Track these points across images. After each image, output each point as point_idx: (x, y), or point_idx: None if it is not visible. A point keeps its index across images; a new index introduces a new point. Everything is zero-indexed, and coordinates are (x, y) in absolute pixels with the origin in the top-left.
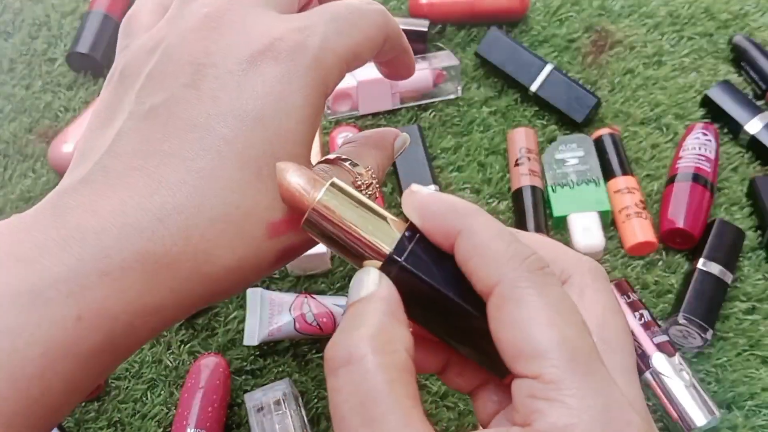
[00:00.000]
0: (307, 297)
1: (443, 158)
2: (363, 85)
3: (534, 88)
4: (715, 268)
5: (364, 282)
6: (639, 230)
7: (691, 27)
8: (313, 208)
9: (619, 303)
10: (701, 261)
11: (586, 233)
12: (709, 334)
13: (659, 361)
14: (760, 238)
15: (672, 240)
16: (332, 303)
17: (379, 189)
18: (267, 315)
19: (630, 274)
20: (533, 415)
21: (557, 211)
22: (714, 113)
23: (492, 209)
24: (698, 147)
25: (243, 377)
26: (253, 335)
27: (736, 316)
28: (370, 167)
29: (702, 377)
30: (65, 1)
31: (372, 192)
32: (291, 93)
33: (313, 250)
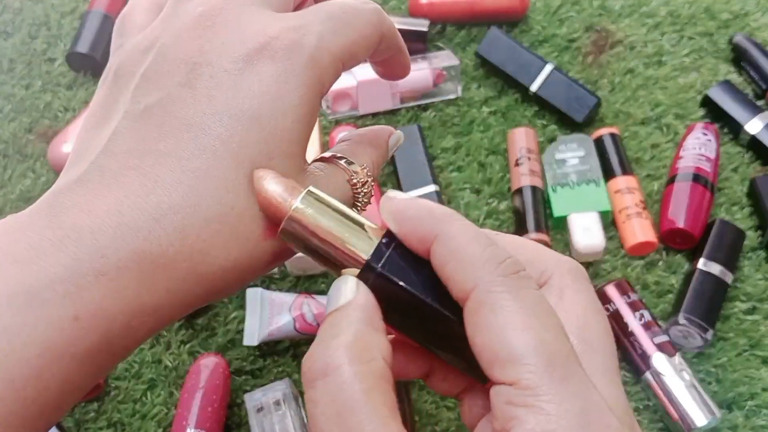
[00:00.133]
0: (307, 297)
1: (443, 158)
2: (363, 85)
3: (534, 88)
4: (716, 268)
5: (342, 290)
6: (639, 230)
7: (691, 27)
8: (290, 216)
9: (600, 303)
10: (701, 261)
11: (586, 233)
12: (709, 335)
13: (659, 361)
14: (761, 238)
15: (672, 240)
16: None
17: (374, 187)
18: (267, 315)
19: (630, 274)
20: (511, 422)
21: (557, 211)
22: (714, 113)
23: (492, 209)
24: (698, 147)
25: (243, 377)
26: (253, 335)
27: (737, 316)
28: (366, 165)
29: (702, 377)
30: (65, 1)
31: (368, 190)
32: (287, 92)
33: None
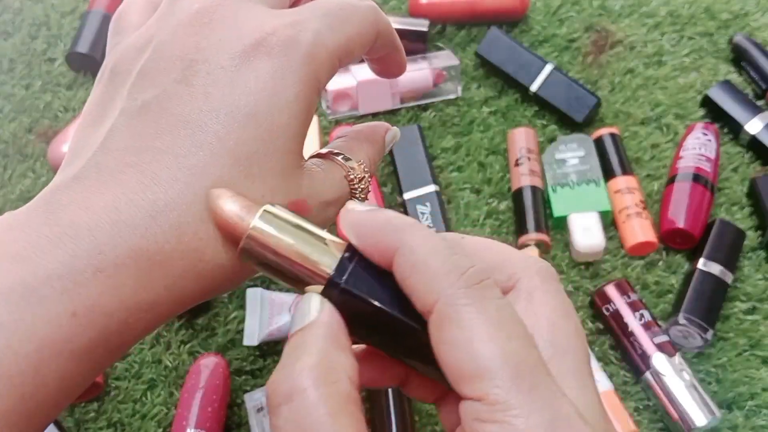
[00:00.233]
0: None
1: (443, 158)
2: (363, 85)
3: (534, 88)
4: (716, 268)
5: (305, 309)
6: (639, 230)
7: (691, 27)
8: (248, 235)
9: (571, 304)
10: (701, 261)
11: (586, 233)
12: (709, 335)
13: (659, 361)
14: (761, 238)
15: (672, 240)
16: None
17: (371, 183)
18: (267, 315)
19: (630, 274)
20: None
21: (557, 211)
22: (714, 113)
23: (492, 209)
24: (699, 147)
25: (243, 377)
26: (252, 335)
27: (737, 316)
28: (363, 161)
29: (702, 377)
30: (65, 1)
31: (365, 186)
32: (284, 88)
33: None
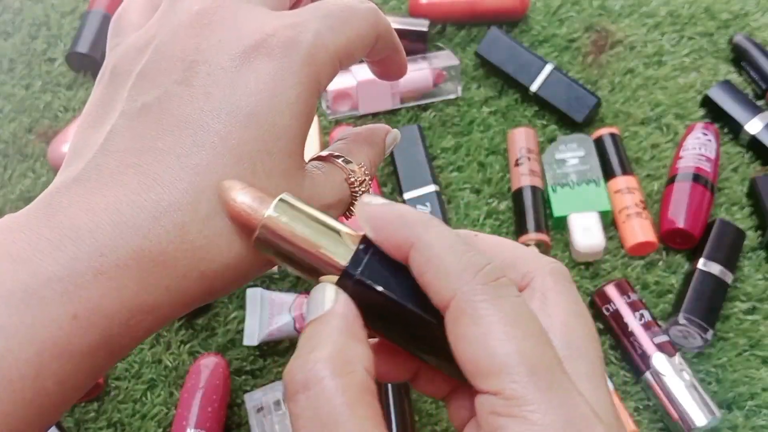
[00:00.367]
0: (307, 297)
1: (443, 158)
2: (363, 85)
3: (534, 88)
4: (716, 268)
5: (320, 299)
6: (639, 230)
7: (691, 27)
8: (263, 225)
9: (584, 305)
10: (701, 261)
11: (586, 233)
12: (709, 334)
13: (659, 361)
14: (761, 238)
15: (672, 240)
16: None
17: (371, 185)
18: (267, 315)
19: (630, 274)
20: None
21: (557, 211)
22: (714, 113)
23: (492, 209)
24: (699, 147)
25: (243, 377)
26: (252, 335)
27: (737, 316)
28: (363, 164)
29: (702, 377)
30: (65, 1)
31: (365, 188)
32: (284, 89)
33: None
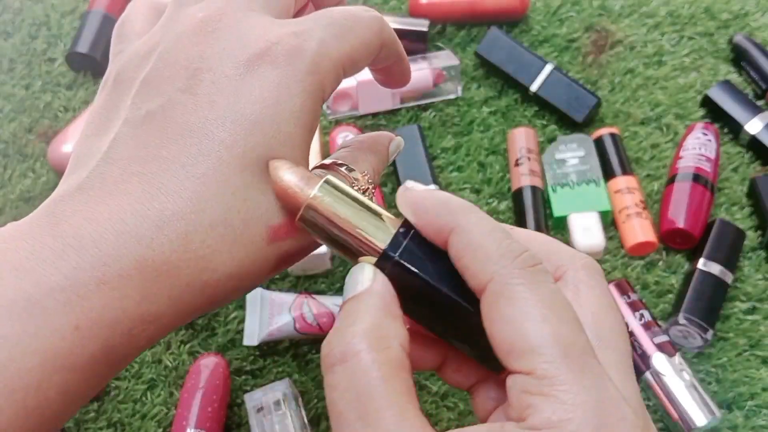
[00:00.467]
0: (307, 297)
1: (443, 158)
2: (363, 85)
3: (534, 88)
4: (716, 268)
5: (359, 278)
6: (639, 230)
7: (691, 27)
8: (308, 205)
9: (615, 299)
10: (701, 261)
11: (586, 233)
12: (709, 335)
13: (659, 361)
14: (761, 238)
15: (672, 240)
16: (332, 303)
17: (374, 194)
18: (267, 315)
19: (630, 274)
20: (527, 411)
21: (557, 211)
22: (714, 113)
23: (492, 209)
24: (699, 147)
25: (243, 377)
26: (252, 335)
27: (737, 316)
28: (366, 172)
29: (702, 377)
30: (65, 1)
31: (368, 197)
32: (289, 98)
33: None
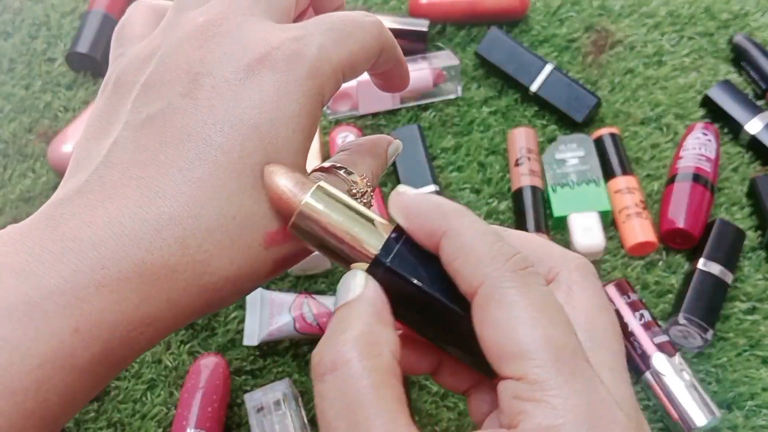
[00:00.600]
0: (307, 297)
1: (443, 158)
2: (363, 85)
3: (534, 88)
4: (716, 268)
5: (350, 285)
6: (639, 230)
7: (691, 27)
8: (300, 211)
9: (608, 299)
10: (701, 261)
11: (586, 233)
12: (709, 335)
13: (659, 361)
14: (761, 238)
15: (672, 240)
16: (332, 303)
17: (373, 197)
18: (267, 315)
19: (630, 274)
20: (519, 417)
21: (557, 211)
22: (714, 113)
23: (492, 209)
24: (698, 147)
25: (243, 377)
26: (252, 335)
27: (737, 316)
28: (365, 175)
29: (702, 377)
30: (65, 1)
31: (367, 200)
32: (288, 102)
33: None
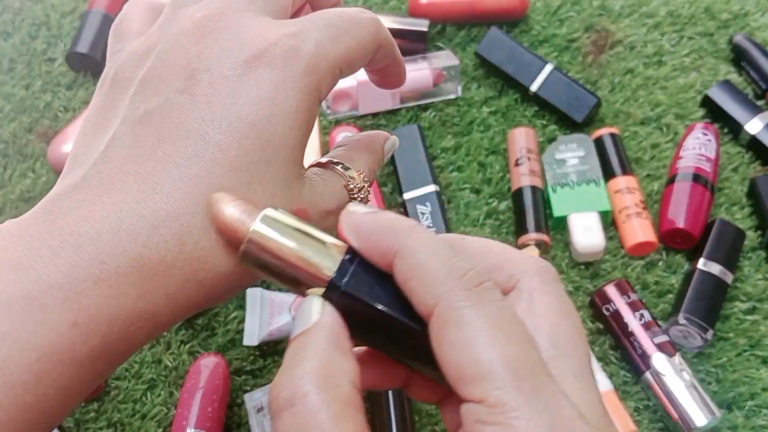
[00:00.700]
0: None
1: (443, 158)
2: (363, 85)
3: (534, 88)
4: (716, 268)
5: (306, 312)
6: (639, 230)
7: (691, 27)
8: (249, 239)
9: (571, 303)
10: (701, 261)
11: (586, 233)
12: (709, 334)
13: (659, 361)
14: (761, 238)
15: (672, 240)
16: None
17: (370, 191)
18: (267, 315)
19: (630, 274)
20: None
21: (557, 211)
22: (714, 113)
23: (492, 209)
24: (698, 147)
25: (243, 377)
26: (252, 335)
27: (737, 316)
28: (362, 170)
29: (702, 377)
30: (65, 1)
31: (364, 195)
32: (285, 99)
33: None
